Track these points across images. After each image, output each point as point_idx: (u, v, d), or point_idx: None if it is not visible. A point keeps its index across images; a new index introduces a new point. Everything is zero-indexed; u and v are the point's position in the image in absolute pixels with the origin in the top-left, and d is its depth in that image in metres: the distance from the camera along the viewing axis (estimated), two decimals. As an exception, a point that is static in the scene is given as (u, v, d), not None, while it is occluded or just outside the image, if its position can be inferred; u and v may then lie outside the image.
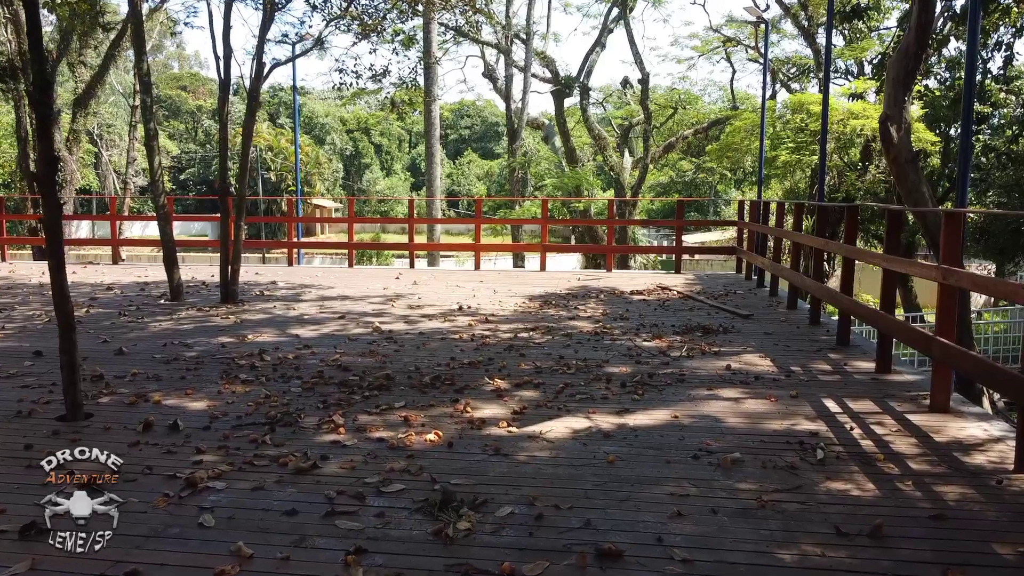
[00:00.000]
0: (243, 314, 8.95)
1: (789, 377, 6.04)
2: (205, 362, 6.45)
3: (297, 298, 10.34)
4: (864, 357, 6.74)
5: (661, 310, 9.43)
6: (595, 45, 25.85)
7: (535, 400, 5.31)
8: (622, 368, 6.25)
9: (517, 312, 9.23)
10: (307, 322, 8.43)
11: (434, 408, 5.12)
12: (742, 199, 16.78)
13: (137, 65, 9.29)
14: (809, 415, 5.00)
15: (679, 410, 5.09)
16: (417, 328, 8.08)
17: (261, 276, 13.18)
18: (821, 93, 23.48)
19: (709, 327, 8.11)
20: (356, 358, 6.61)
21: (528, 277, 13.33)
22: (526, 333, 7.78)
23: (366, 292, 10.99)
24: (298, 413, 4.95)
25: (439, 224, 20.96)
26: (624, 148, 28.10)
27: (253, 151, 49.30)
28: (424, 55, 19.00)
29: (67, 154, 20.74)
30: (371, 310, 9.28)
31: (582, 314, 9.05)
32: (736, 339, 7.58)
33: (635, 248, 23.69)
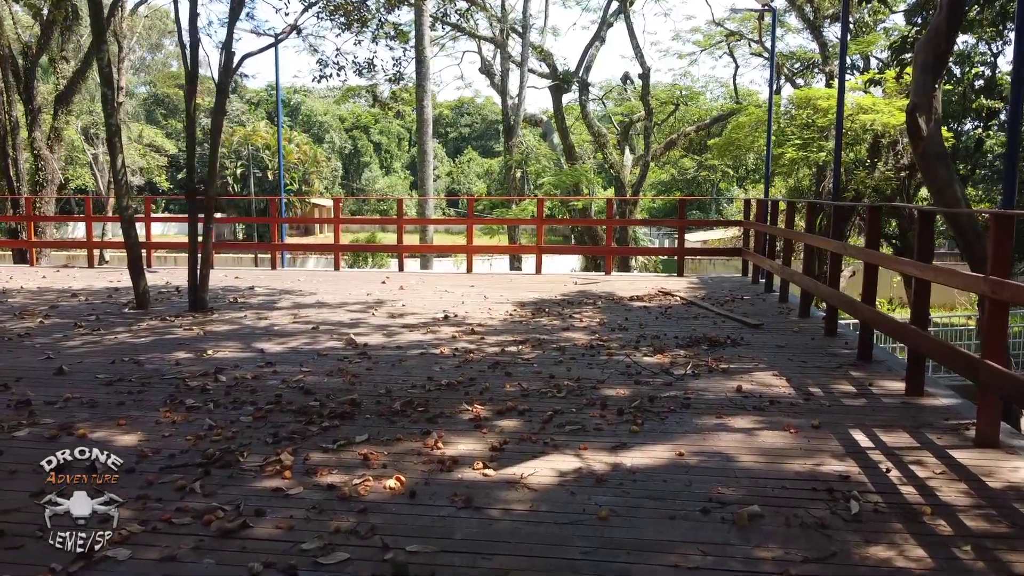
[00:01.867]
0: (209, 324, 8.25)
1: (808, 401, 5.34)
2: (153, 383, 5.75)
3: (272, 306, 9.65)
4: (890, 375, 6.03)
5: (663, 319, 8.72)
6: (594, 39, 25.11)
7: (518, 432, 4.61)
8: (619, 390, 5.55)
9: (507, 321, 8.53)
10: (276, 334, 7.73)
11: (400, 443, 4.42)
12: (747, 198, 16.05)
13: (97, 55, 8.60)
14: (836, 451, 4.30)
15: (684, 445, 4.39)
16: (395, 341, 7.38)
17: (241, 280, 12.49)
18: (827, 88, 22.77)
19: (716, 339, 7.41)
20: (322, 378, 5.92)
21: (522, 281, 12.63)
22: (514, 347, 7.08)
23: (347, 299, 10.29)
24: (241, 450, 4.26)
25: (431, 224, 20.21)
26: (624, 145, 27.38)
27: (250, 150, 48.67)
28: (416, 48, 18.30)
29: (48, 152, 20.07)
30: (348, 319, 8.58)
31: (577, 324, 8.35)
32: (746, 353, 6.88)
33: (635, 249, 22.98)
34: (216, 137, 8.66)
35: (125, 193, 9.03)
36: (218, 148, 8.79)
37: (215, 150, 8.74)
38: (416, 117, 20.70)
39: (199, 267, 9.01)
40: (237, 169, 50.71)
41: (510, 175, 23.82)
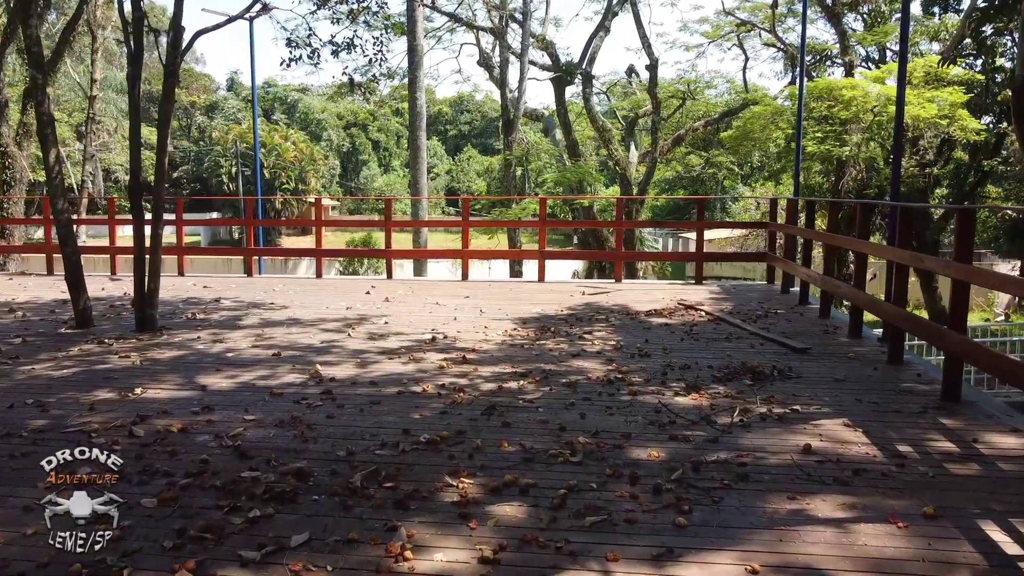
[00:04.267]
0: (153, 350, 6.96)
1: (903, 469, 4.03)
2: (47, 440, 4.45)
3: (235, 323, 8.35)
4: (994, 425, 4.73)
5: (690, 340, 7.41)
6: (598, 29, 23.76)
7: (520, 527, 3.32)
8: (652, 451, 4.25)
9: (505, 344, 7.23)
10: (229, 363, 6.43)
11: (352, 551, 3.13)
12: (774, 196, 14.77)
13: (24, 30, 7.30)
14: (973, 563, 3.01)
15: (755, 550, 3.10)
16: (370, 373, 6.08)
17: (209, 290, 11.19)
18: (847, 77, 21.43)
19: (759, 369, 6.10)
20: (268, 431, 4.62)
21: (523, 291, 11.32)
22: (514, 381, 5.78)
23: (323, 314, 8.99)
24: (119, 568, 2.97)
25: (425, 227, 18.83)
26: (630, 141, 26.05)
27: (238, 147, 47.38)
28: (408, 34, 16.98)
29: (15, 150, 18.76)
30: (320, 343, 7.29)
31: (589, 348, 7.05)
32: (800, 390, 5.58)
33: (648, 254, 21.66)
34: (164, 128, 7.36)
35: (61, 194, 7.73)
36: (167, 141, 7.48)
37: (163, 145, 7.43)
38: (408, 109, 19.36)
39: (147, 280, 7.72)
40: (232, 168, 49.47)
41: (509, 172, 22.46)
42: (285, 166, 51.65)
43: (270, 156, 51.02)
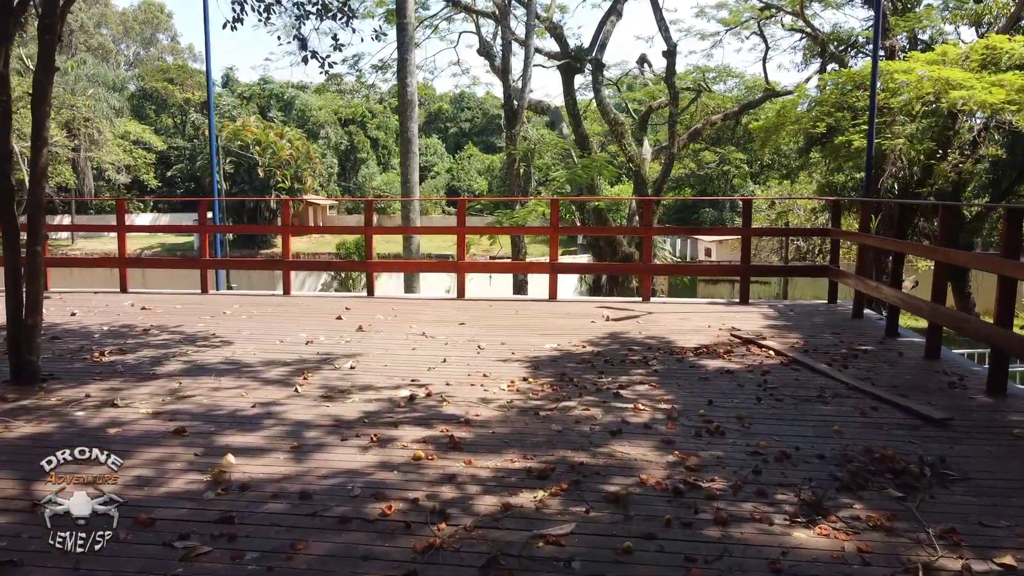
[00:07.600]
0: (7, 419, 4.88)
1: None
2: None
3: (149, 370, 6.24)
4: None
5: (771, 401, 5.31)
6: (610, 13, 21.63)
7: None
8: None
9: (513, 408, 5.13)
10: (107, 442, 4.33)
11: None
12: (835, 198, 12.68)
13: None
14: None
15: None
16: (306, 471, 3.98)
17: (147, 314, 9.08)
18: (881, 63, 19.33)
19: (896, 463, 4.01)
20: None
21: (532, 314, 9.21)
22: (529, 492, 3.69)
23: (273, 352, 6.90)
24: None
25: (416, 234, 16.67)
26: (642, 137, 23.93)
27: (238, 144, 45.32)
28: (398, 11, 14.88)
29: None
30: (251, 405, 5.19)
31: (631, 415, 4.96)
32: (970, 506, 3.50)
33: (682, 267, 19.41)
34: (40, 107, 5.31)
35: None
36: (46, 124, 5.41)
37: (40, 129, 5.37)
38: (398, 97, 17.24)
39: (23, 314, 5.65)
40: (226, 166, 47.37)
41: (513, 169, 20.33)
42: (280, 164, 49.66)
43: (265, 154, 48.99)
